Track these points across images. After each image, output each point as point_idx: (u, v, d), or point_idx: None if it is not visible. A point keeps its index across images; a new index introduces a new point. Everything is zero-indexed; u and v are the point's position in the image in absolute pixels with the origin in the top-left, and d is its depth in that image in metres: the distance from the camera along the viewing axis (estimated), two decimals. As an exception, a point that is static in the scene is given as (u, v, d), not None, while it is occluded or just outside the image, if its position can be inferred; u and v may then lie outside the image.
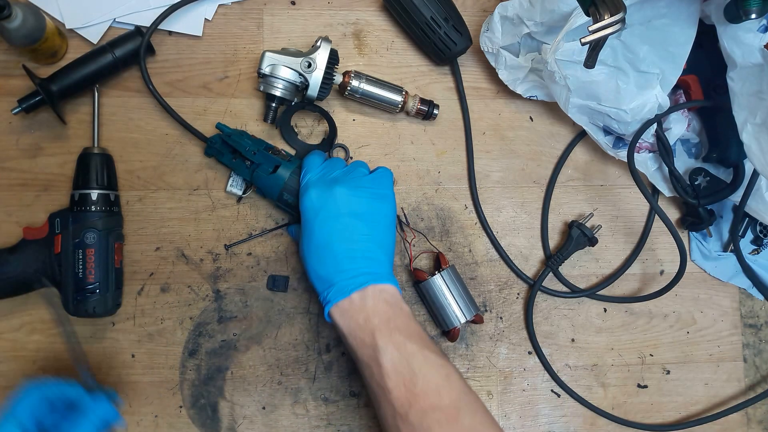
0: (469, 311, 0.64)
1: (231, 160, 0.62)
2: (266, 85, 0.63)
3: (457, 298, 0.64)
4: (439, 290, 0.64)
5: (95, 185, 0.61)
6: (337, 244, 0.55)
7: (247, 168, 0.62)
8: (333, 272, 0.55)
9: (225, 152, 0.62)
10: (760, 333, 0.73)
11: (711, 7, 0.60)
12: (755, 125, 0.58)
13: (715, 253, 0.72)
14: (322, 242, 0.56)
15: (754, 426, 0.72)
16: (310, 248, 0.56)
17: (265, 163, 0.61)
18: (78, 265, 0.59)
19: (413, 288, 0.68)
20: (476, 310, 0.65)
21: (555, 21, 0.62)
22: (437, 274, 0.64)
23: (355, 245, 0.56)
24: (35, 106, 0.61)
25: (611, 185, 0.73)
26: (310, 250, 0.56)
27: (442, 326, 0.66)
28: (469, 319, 0.64)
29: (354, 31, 0.70)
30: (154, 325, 0.65)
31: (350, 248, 0.55)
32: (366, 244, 0.56)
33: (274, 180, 0.61)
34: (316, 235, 0.56)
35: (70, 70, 0.61)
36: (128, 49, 0.63)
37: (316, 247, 0.56)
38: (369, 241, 0.56)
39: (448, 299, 0.64)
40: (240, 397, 0.65)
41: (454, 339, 0.66)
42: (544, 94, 0.68)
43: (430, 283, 0.64)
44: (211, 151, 0.63)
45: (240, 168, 0.62)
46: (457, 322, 0.64)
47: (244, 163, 0.62)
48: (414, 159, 0.70)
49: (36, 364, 0.63)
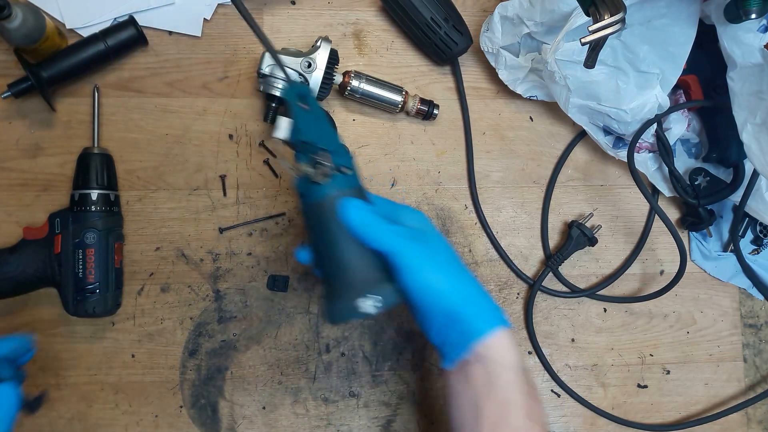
0: None
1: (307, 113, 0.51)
2: (266, 85, 0.63)
3: None
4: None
5: (95, 185, 0.61)
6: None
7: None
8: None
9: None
10: (760, 333, 0.73)
11: (711, 7, 0.60)
12: (755, 125, 0.58)
13: (715, 253, 0.72)
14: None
15: (754, 426, 0.72)
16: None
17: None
18: (78, 265, 0.59)
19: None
20: None
21: (555, 21, 0.61)
22: None
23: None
24: (25, 91, 0.60)
25: (611, 185, 0.73)
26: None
27: None
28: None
29: (354, 31, 0.70)
30: (154, 325, 0.65)
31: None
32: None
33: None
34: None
35: (61, 57, 0.61)
36: (121, 39, 0.63)
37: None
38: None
39: None
40: (240, 397, 0.65)
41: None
42: (544, 94, 0.68)
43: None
44: (297, 91, 0.51)
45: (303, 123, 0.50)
46: None
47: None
48: (414, 159, 0.70)
49: (36, 364, 0.63)
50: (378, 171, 0.69)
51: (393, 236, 0.47)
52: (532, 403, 0.46)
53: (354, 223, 0.47)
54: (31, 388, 0.63)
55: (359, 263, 0.48)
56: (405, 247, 0.46)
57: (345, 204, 0.47)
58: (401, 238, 0.47)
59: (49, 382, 0.63)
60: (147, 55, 0.66)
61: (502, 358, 0.46)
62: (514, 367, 0.46)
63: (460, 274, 0.49)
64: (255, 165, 0.67)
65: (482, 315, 0.47)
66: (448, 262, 0.49)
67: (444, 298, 0.46)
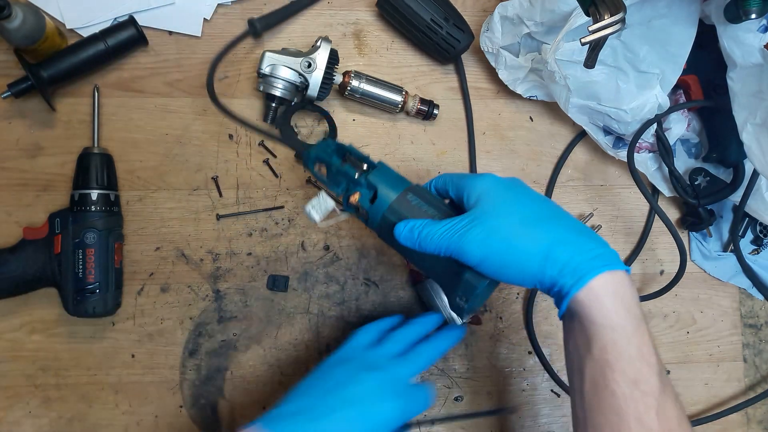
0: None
1: (338, 169, 0.53)
2: (266, 85, 0.63)
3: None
4: (437, 290, 0.64)
5: (95, 185, 0.61)
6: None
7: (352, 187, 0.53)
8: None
9: (333, 159, 0.53)
10: (760, 333, 0.73)
11: (711, 7, 0.60)
12: (755, 125, 0.58)
13: (715, 253, 0.72)
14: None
15: (754, 426, 0.72)
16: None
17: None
18: (78, 265, 0.59)
19: (412, 288, 0.68)
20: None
21: (555, 21, 0.62)
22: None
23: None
24: (25, 91, 0.60)
25: (611, 185, 0.73)
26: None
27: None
28: (466, 320, 0.64)
29: (354, 31, 0.70)
30: (154, 325, 0.65)
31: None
32: None
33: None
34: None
35: (61, 57, 0.61)
36: (121, 39, 0.63)
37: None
38: None
39: (444, 300, 0.64)
40: (240, 397, 0.65)
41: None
42: (544, 94, 0.68)
43: (426, 284, 0.64)
44: (321, 153, 0.53)
45: (340, 182, 0.53)
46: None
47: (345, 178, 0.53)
48: (414, 159, 0.70)
49: (36, 364, 0.63)
50: (378, 171, 0.69)
51: (445, 238, 0.45)
52: (640, 366, 0.42)
53: (410, 245, 0.47)
54: (31, 388, 0.63)
55: (440, 270, 0.49)
56: (462, 242, 0.44)
57: (394, 233, 0.48)
58: (455, 234, 0.45)
59: (49, 382, 0.63)
60: (147, 55, 0.66)
61: (600, 316, 0.42)
62: (615, 326, 0.42)
63: (538, 225, 0.45)
64: (255, 165, 0.67)
65: (572, 266, 0.43)
66: (520, 222, 0.45)
67: (528, 263, 0.44)
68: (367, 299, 0.68)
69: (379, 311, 0.68)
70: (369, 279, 0.68)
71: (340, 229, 0.68)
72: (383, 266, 0.68)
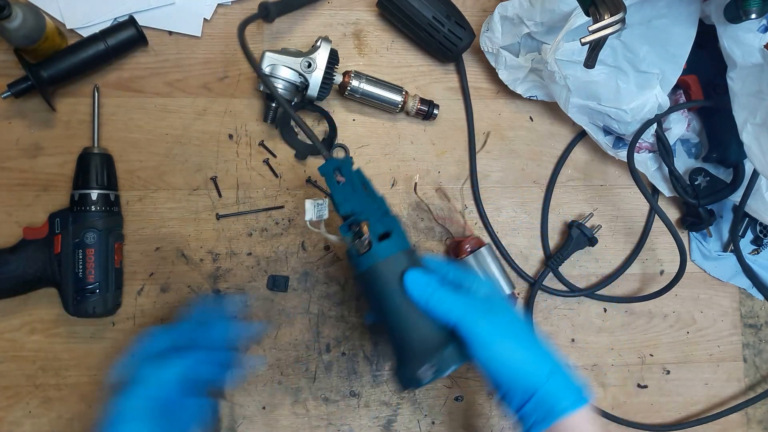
0: (509, 285, 0.66)
1: (360, 192, 0.51)
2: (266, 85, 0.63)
3: (498, 272, 0.65)
4: (492, 259, 0.65)
5: (95, 185, 0.61)
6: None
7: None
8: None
9: (356, 179, 0.52)
10: (760, 333, 0.73)
11: (711, 7, 0.60)
12: (755, 125, 0.58)
13: (715, 253, 0.72)
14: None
15: (754, 426, 0.72)
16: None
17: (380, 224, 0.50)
18: (78, 265, 0.59)
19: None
20: (511, 288, 0.66)
21: (555, 21, 0.62)
22: (484, 246, 0.65)
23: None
24: (25, 91, 0.60)
25: (611, 185, 0.73)
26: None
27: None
28: (508, 293, 0.65)
29: (354, 31, 0.70)
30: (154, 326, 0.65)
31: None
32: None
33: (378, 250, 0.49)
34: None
35: (61, 57, 0.61)
36: (121, 39, 0.63)
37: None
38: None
39: (495, 272, 0.65)
40: (240, 397, 0.65)
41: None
42: (544, 94, 0.68)
43: (483, 251, 0.65)
44: (332, 165, 0.52)
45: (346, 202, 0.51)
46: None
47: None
48: (414, 159, 0.70)
49: (36, 364, 0.63)
50: (378, 171, 0.69)
51: (461, 309, 0.45)
52: None
53: (417, 296, 0.45)
54: (31, 388, 0.63)
55: (416, 332, 0.47)
56: (475, 321, 0.44)
57: (406, 277, 0.46)
58: (470, 310, 0.45)
59: (49, 382, 0.63)
60: (147, 55, 0.66)
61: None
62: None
63: (537, 348, 0.46)
64: (255, 165, 0.67)
65: (564, 393, 0.45)
66: (524, 335, 0.46)
67: (523, 375, 0.44)
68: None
69: (379, 311, 0.68)
70: (369, 279, 0.68)
71: (340, 229, 0.68)
72: (383, 266, 0.68)
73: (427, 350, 0.47)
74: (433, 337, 0.47)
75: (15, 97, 0.60)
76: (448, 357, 0.46)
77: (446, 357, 0.46)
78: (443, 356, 0.46)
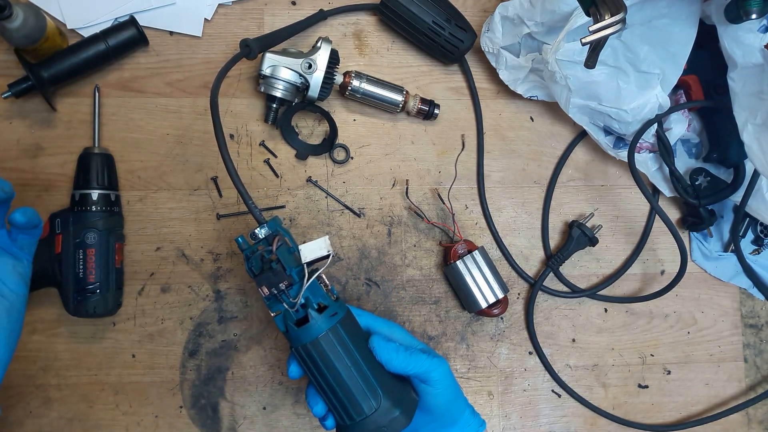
0: (502, 289, 0.66)
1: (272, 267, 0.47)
2: (267, 86, 0.63)
3: (490, 276, 0.66)
4: (485, 262, 0.65)
5: (96, 185, 0.61)
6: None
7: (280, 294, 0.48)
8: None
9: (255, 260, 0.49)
10: (760, 333, 0.73)
11: (711, 7, 0.60)
12: (756, 125, 0.58)
13: (715, 253, 0.72)
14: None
15: (754, 426, 0.72)
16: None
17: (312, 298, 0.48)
18: (78, 265, 0.59)
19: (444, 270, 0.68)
20: (505, 291, 0.66)
21: (555, 21, 0.62)
22: (476, 250, 0.65)
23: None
24: (25, 91, 0.60)
25: (612, 185, 0.73)
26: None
27: (478, 305, 0.65)
28: (500, 297, 0.65)
29: (354, 31, 0.70)
30: (154, 325, 0.65)
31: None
32: None
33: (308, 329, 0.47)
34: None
35: (62, 57, 0.61)
36: (121, 39, 0.63)
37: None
38: None
39: (487, 276, 0.65)
40: (240, 398, 0.65)
41: (503, 311, 0.67)
42: (544, 94, 0.68)
43: (476, 254, 0.65)
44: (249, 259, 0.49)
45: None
46: (496, 298, 0.65)
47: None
48: (414, 159, 0.70)
49: (36, 364, 0.63)
50: (378, 171, 0.69)
51: (423, 358, 0.51)
52: None
53: (387, 358, 0.50)
54: (32, 388, 0.63)
55: (370, 390, 0.48)
56: (434, 363, 0.51)
57: (374, 343, 0.50)
58: (429, 356, 0.52)
59: (50, 382, 0.63)
60: (148, 55, 0.66)
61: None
62: None
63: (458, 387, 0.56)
64: (256, 165, 0.67)
65: (472, 422, 0.55)
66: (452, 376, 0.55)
67: (456, 406, 0.54)
68: (369, 299, 0.68)
69: (380, 311, 0.68)
70: (370, 279, 0.68)
71: (341, 229, 0.68)
72: (384, 266, 0.68)
73: (383, 412, 0.48)
74: (394, 382, 0.51)
75: (16, 97, 0.60)
76: (403, 409, 0.49)
77: (400, 409, 0.49)
78: (411, 396, 0.52)
